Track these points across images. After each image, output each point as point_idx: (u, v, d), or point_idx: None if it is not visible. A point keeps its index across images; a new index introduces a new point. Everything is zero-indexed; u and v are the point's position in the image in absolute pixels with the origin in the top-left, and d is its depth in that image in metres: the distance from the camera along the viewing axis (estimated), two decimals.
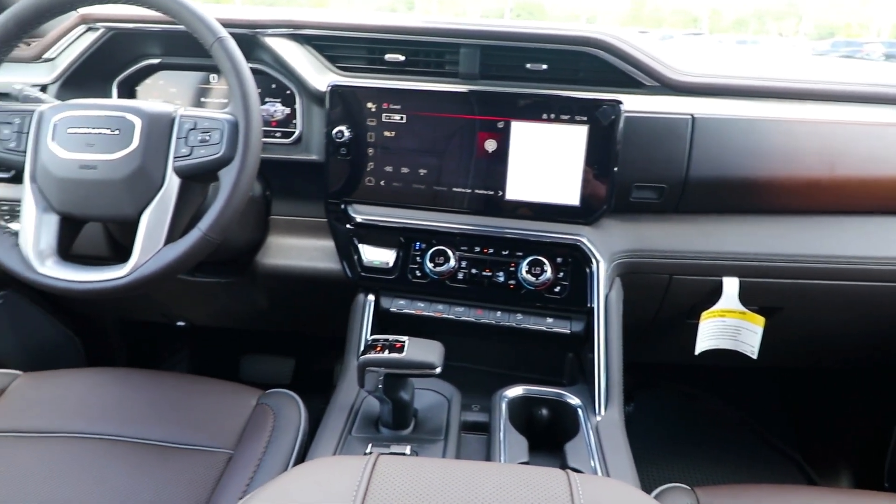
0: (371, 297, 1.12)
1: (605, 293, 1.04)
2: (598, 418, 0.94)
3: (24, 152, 0.87)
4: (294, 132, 1.14)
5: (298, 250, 1.20)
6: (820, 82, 1.09)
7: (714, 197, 1.09)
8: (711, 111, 1.06)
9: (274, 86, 1.14)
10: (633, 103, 1.04)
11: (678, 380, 1.76)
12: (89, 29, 1.12)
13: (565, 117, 1.02)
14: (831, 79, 1.10)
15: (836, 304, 1.16)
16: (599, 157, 1.02)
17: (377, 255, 1.11)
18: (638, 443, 0.95)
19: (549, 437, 0.95)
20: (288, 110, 1.14)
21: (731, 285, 1.10)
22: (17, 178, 1.14)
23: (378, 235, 1.11)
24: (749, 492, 0.92)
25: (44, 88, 1.11)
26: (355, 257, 1.12)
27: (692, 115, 1.04)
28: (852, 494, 0.93)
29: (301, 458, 0.88)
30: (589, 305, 1.03)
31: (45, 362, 1.35)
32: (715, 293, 1.11)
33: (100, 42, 1.11)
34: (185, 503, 0.82)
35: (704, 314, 1.12)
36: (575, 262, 1.06)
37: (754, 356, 1.14)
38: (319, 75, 1.10)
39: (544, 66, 1.07)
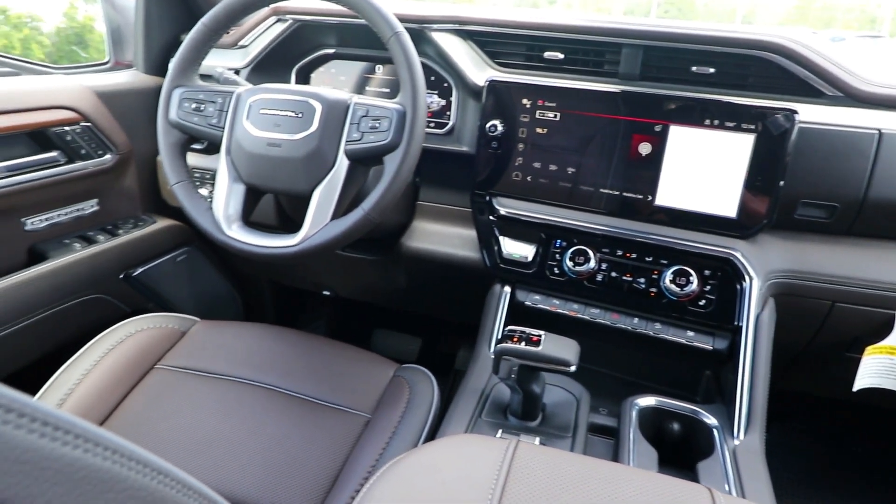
0: (507, 289, 1.14)
1: (756, 313, 0.98)
2: (737, 442, 0.90)
3: (223, 128, 0.99)
4: (447, 123, 1.19)
5: (441, 236, 1.25)
6: None
7: None
8: None
9: (433, 78, 1.19)
10: (810, 113, 0.97)
11: (823, 414, 1.61)
12: (278, 20, 1.25)
13: (731, 124, 0.97)
14: None
15: None
16: (765, 169, 0.96)
17: (517, 249, 1.13)
18: (771, 474, 0.89)
19: (677, 452, 0.93)
20: (444, 102, 1.20)
21: None
22: (207, 150, 1.30)
23: (520, 229, 1.13)
24: None
25: (237, 72, 1.26)
26: (495, 248, 1.15)
27: (879, 130, 0.95)
28: None
29: (433, 432, 0.93)
30: (736, 324, 0.98)
31: (212, 312, 1.54)
32: (884, 327, 1.01)
33: (287, 32, 1.23)
34: (328, 455, 0.90)
35: (870, 349, 1.02)
36: (724, 276, 1.01)
37: None
38: (478, 70, 1.14)
39: (711, 70, 1.02)
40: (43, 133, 1.11)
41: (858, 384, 1.04)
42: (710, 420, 0.93)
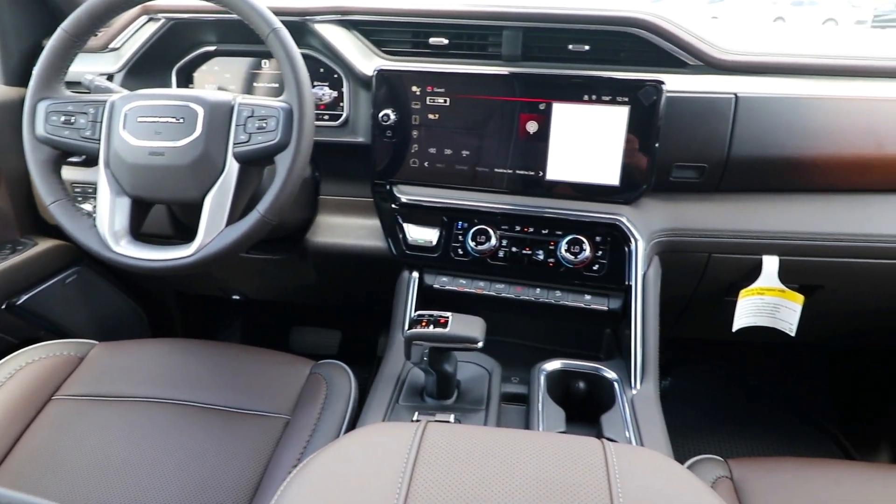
0: (415, 274, 1.17)
1: (642, 271, 1.06)
2: (634, 392, 0.98)
3: (98, 140, 0.94)
4: (341, 115, 1.18)
5: (346, 229, 1.25)
6: (869, 58, 1.07)
7: (756, 176, 1.09)
8: (755, 90, 1.05)
9: (322, 70, 1.18)
10: (676, 83, 1.04)
11: (716, 356, 1.77)
12: (150, 19, 1.18)
13: (606, 98, 1.04)
14: (884, 53, 1.08)
15: (878, 283, 1.15)
16: (640, 138, 1.04)
17: (421, 234, 1.16)
18: (674, 417, 0.98)
19: (585, 409, 1.00)
20: (335, 94, 1.19)
21: (770, 264, 1.10)
22: (87, 162, 1.23)
23: (422, 215, 1.16)
24: (783, 464, 0.94)
25: (110, 77, 1.18)
26: (400, 236, 1.16)
27: (735, 94, 1.04)
28: (888, 469, 0.94)
29: (352, 424, 0.95)
30: (627, 283, 1.06)
31: (114, 333, 1.46)
32: (754, 271, 1.12)
33: (161, 32, 1.17)
34: (249, 463, 0.89)
35: (743, 292, 1.13)
36: (614, 240, 1.08)
37: (792, 333, 1.15)
38: (366, 60, 1.14)
39: (586, 47, 1.08)
40: None
41: (737, 324, 1.16)
42: (611, 374, 1.01)
